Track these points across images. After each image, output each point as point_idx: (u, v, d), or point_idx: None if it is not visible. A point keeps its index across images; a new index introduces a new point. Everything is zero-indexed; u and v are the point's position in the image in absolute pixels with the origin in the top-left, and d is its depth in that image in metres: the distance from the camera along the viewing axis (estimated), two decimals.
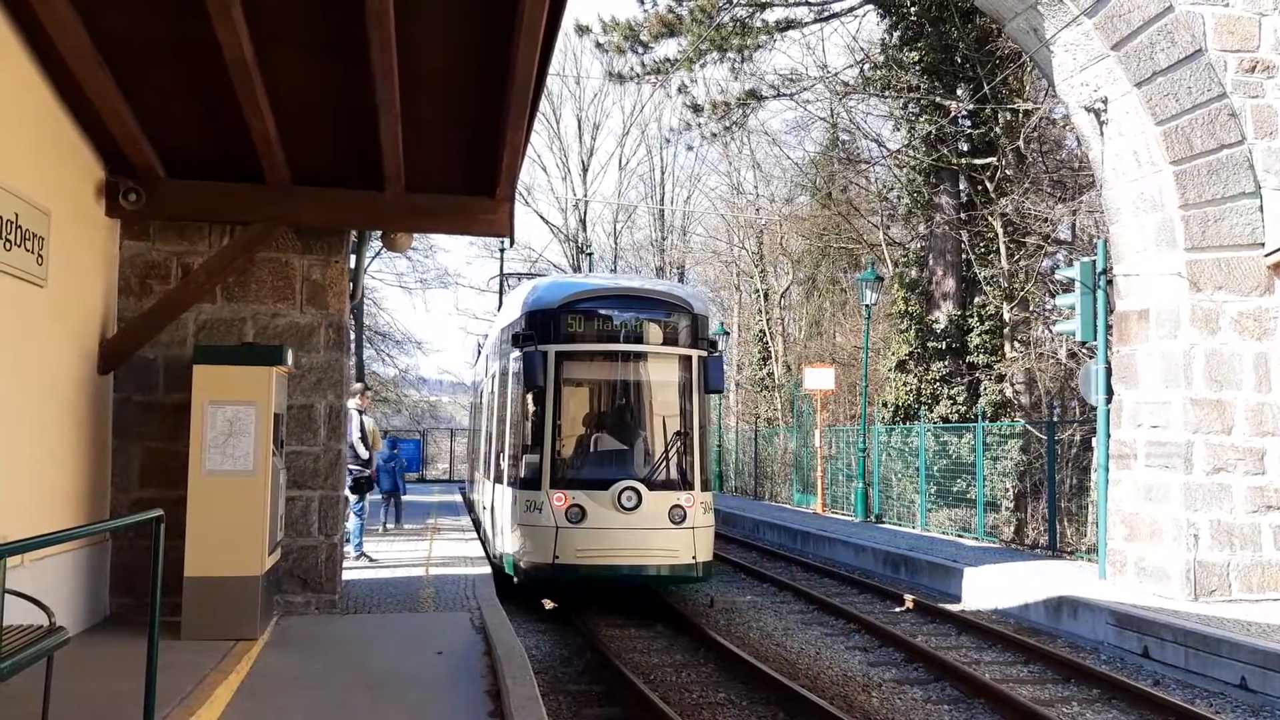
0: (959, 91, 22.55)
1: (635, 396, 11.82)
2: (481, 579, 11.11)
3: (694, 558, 11.00)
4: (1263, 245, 10.74)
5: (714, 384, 11.66)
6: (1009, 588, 11.96)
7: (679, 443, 11.38)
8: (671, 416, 11.54)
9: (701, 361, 11.56)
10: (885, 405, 24.03)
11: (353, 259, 9.66)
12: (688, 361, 11.55)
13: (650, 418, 11.70)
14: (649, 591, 12.15)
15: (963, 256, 23.35)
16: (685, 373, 11.55)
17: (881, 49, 24.34)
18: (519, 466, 11.37)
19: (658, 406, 11.69)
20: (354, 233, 9.53)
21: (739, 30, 23.88)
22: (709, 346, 11.79)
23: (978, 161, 22.50)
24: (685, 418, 11.46)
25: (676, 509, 10.93)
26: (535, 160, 44.44)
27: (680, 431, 11.42)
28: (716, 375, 11.68)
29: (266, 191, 8.19)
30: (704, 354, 11.60)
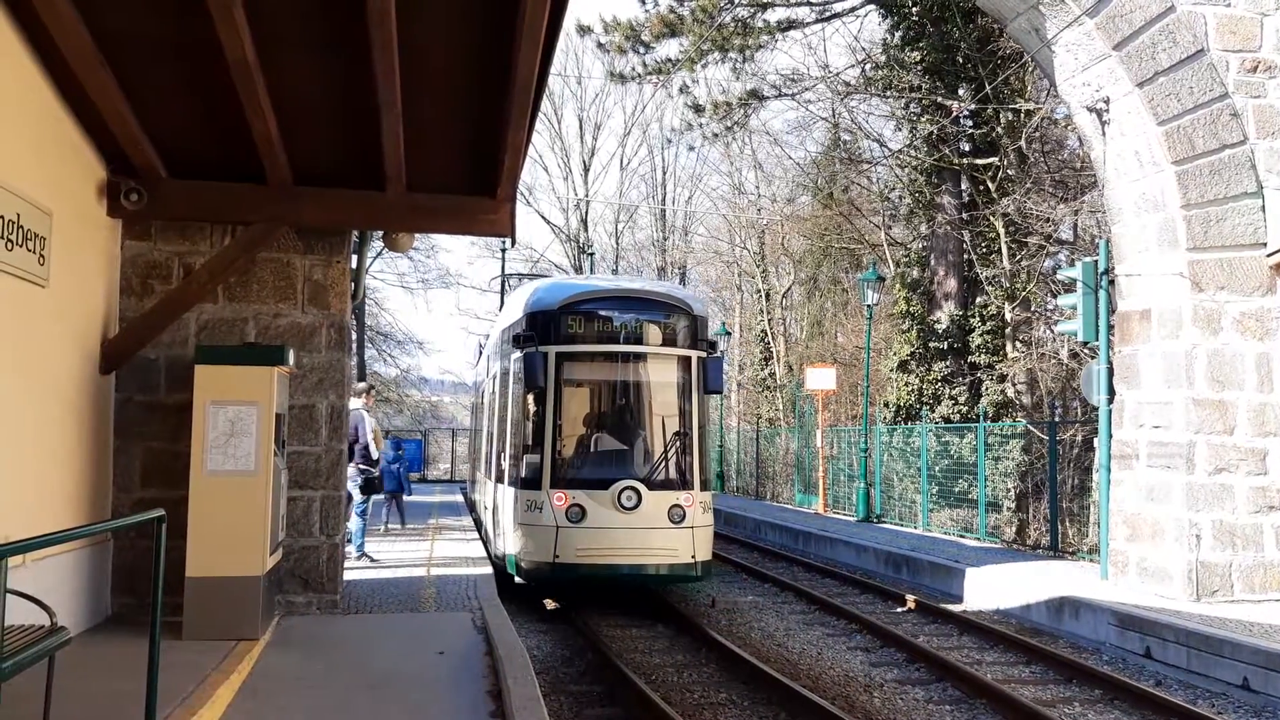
0: (961, 91, 22.55)
1: (635, 397, 11.85)
2: (483, 579, 11.11)
3: (693, 557, 11.05)
4: (1265, 245, 10.74)
5: (713, 384, 11.71)
6: (1011, 588, 11.96)
7: (678, 443, 11.44)
8: (671, 417, 11.59)
9: (701, 362, 11.60)
10: (887, 405, 24.02)
11: (354, 259, 9.66)
12: (687, 362, 11.59)
13: (650, 418, 11.76)
14: (650, 591, 12.17)
15: (964, 256, 23.34)
16: (684, 373, 11.59)
17: (883, 49, 24.33)
18: (520, 466, 11.40)
19: (657, 407, 11.74)
20: (355, 233, 9.53)
21: (740, 30, 23.87)
22: (708, 347, 11.82)
23: (979, 161, 22.48)
24: (685, 418, 11.50)
25: (676, 509, 10.98)
26: (537, 160, 44.56)
27: (680, 432, 11.47)
28: (716, 376, 11.72)
29: (268, 191, 8.19)
30: (703, 355, 11.65)
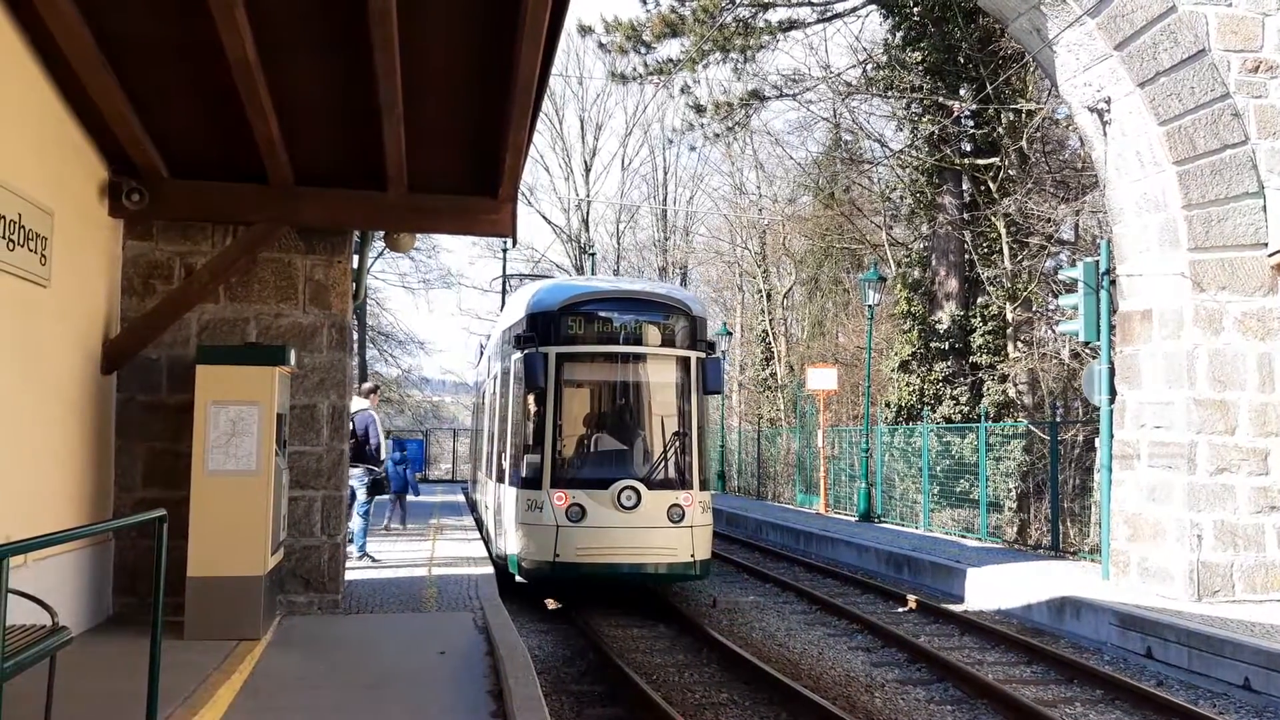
0: (962, 92, 22.54)
1: (634, 397, 11.90)
2: (484, 579, 11.11)
3: (693, 556, 11.10)
4: (1266, 245, 10.73)
5: (712, 385, 11.75)
6: (1012, 588, 11.95)
7: (677, 443, 11.50)
8: (670, 417, 11.65)
9: (700, 363, 11.64)
10: (888, 405, 24.00)
11: (355, 259, 9.67)
12: (686, 363, 11.64)
13: (649, 418, 11.82)
14: (651, 591, 12.19)
15: (965, 257, 23.33)
16: (684, 374, 11.63)
17: (884, 49, 24.32)
18: (520, 466, 11.45)
19: (657, 407, 11.80)
20: (357, 233, 9.54)
21: (742, 30, 23.88)
22: (707, 348, 11.87)
23: (980, 162, 22.47)
24: (684, 418, 11.55)
25: (675, 508, 11.02)
26: (538, 160, 44.51)
27: (679, 432, 11.53)
28: (715, 376, 11.77)
29: (269, 192, 8.20)
30: (702, 355, 11.70)
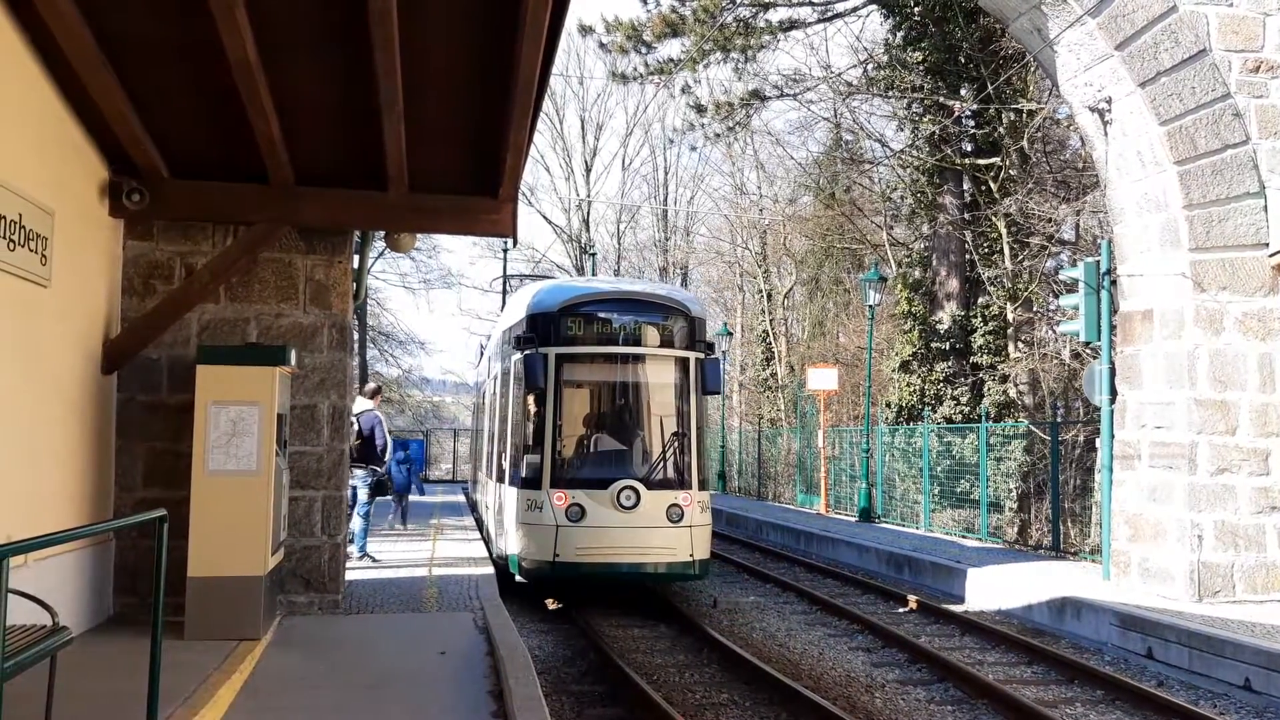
0: (963, 91, 22.53)
1: (634, 398, 11.94)
2: (485, 579, 11.11)
3: (691, 555, 11.14)
4: (1267, 245, 10.73)
5: (711, 385, 11.79)
6: (1013, 588, 11.95)
7: (676, 443, 11.55)
8: (669, 417, 11.70)
9: (699, 363, 11.68)
10: (889, 406, 24.00)
11: (356, 259, 9.67)
12: (685, 363, 11.68)
13: (648, 418, 11.86)
14: (652, 591, 12.20)
15: (966, 257, 23.31)
16: (683, 374, 11.68)
17: (885, 49, 24.32)
18: (520, 466, 11.48)
19: (656, 407, 11.84)
20: (357, 233, 9.54)
21: (742, 30, 23.87)
22: (706, 348, 11.91)
23: (981, 162, 22.46)
24: (683, 418, 11.60)
25: (674, 508, 11.06)
26: (538, 160, 44.50)
27: (678, 432, 11.57)
28: (713, 377, 11.81)
29: (270, 192, 8.19)
30: (701, 356, 11.74)
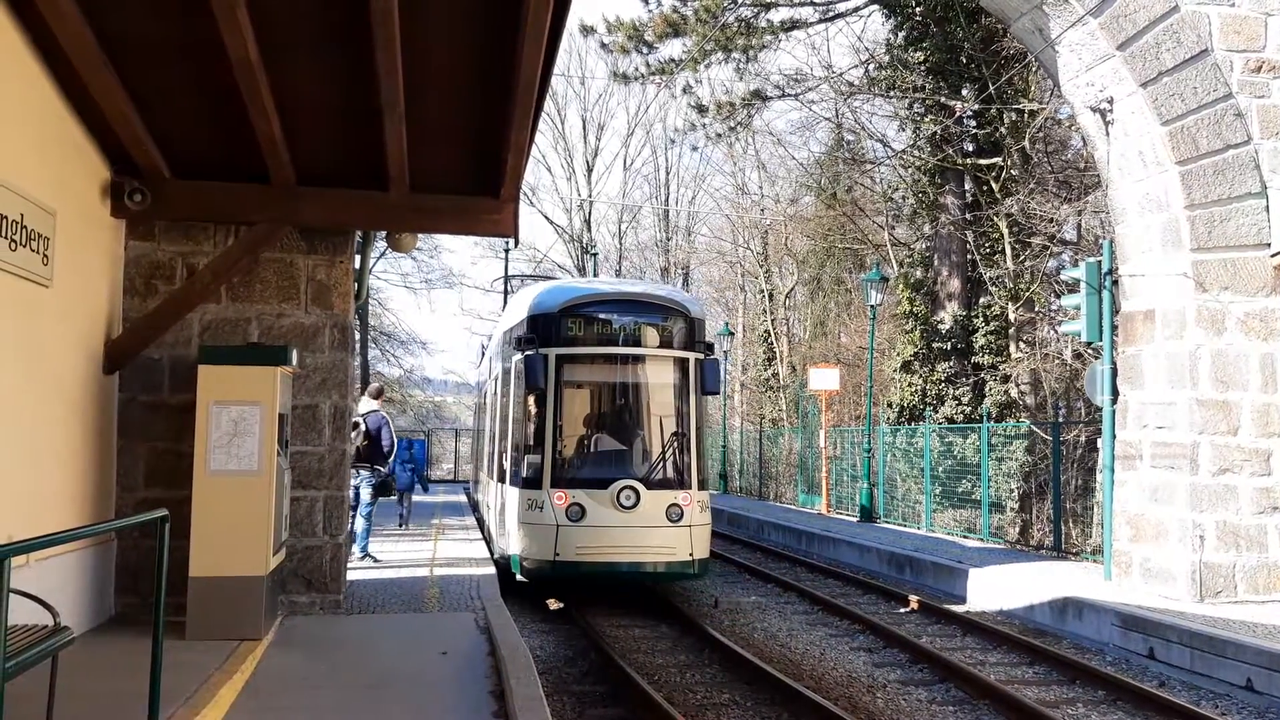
0: (964, 91, 22.51)
1: (633, 398, 12.01)
2: (486, 579, 11.12)
3: (691, 555, 11.20)
4: (1269, 245, 10.72)
5: (710, 386, 11.85)
6: (1014, 589, 11.94)
7: (676, 443, 11.62)
8: (669, 417, 11.77)
9: (698, 364, 11.74)
10: (890, 406, 23.99)
11: (357, 259, 9.67)
12: (684, 364, 11.74)
13: (648, 418, 11.93)
14: (653, 591, 12.21)
15: (968, 257, 23.30)
16: (682, 375, 11.74)
17: (886, 49, 24.30)
18: (521, 466, 11.53)
19: (655, 408, 11.91)
20: (359, 233, 9.54)
21: (744, 30, 23.85)
22: (705, 349, 11.96)
23: (983, 162, 22.44)
24: (682, 418, 11.66)
25: (674, 507, 11.11)
26: (540, 161, 44.47)
27: (677, 432, 11.64)
28: (713, 377, 11.87)
29: (271, 192, 8.20)
30: (700, 356, 11.79)
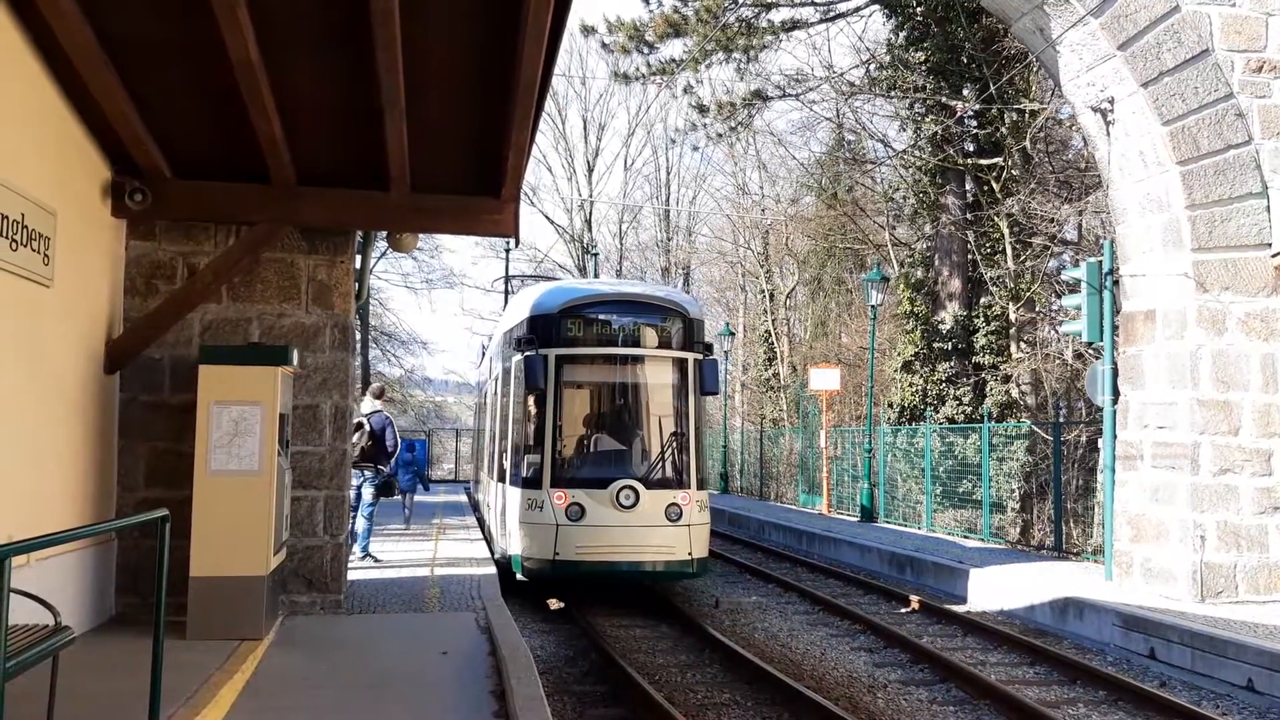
0: (965, 91, 22.50)
1: (633, 398, 12.07)
2: (486, 579, 11.12)
3: (690, 554, 11.24)
4: (1270, 246, 10.71)
5: (709, 386, 11.89)
6: (1015, 589, 11.94)
7: (675, 443, 11.66)
8: (668, 417, 11.83)
9: (697, 364, 11.78)
10: (891, 406, 23.99)
11: (358, 259, 9.68)
12: (683, 364, 11.77)
13: (647, 419, 11.99)
14: (654, 591, 12.21)
15: (968, 257, 23.29)
16: (681, 375, 11.78)
17: (887, 49, 24.31)
18: (521, 466, 11.58)
19: (654, 408, 11.96)
20: (359, 233, 9.54)
21: (744, 30, 23.85)
22: (704, 349, 12.00)
23: (984, 162, 22.44)
24: (681, 418, 11.71)
25: (673, 507, 11.16)
26: (540, 161, 44.50)
27: (676, 432, 11.68)
28: (712, 377, 11.91)
29: (272, 192, 8.20)
30: (699, 357, 11.83)
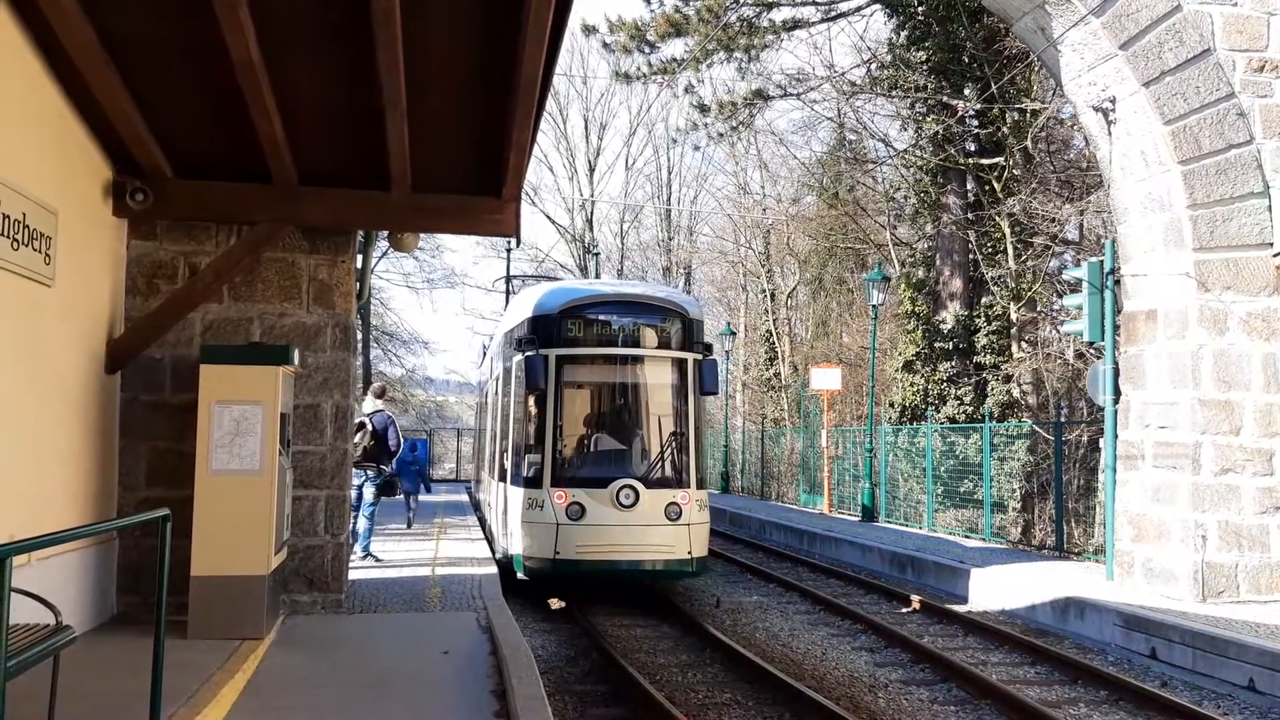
0: (966, 91, 22.50)
1: (633, 398, 12.12)
2: (487, 579, 11.13)
3: (689, 553, 11.29)
4: (1271, 245, 10.71)
5: (709, 386, 11.93)
6: (1016, 588, 11.94)
7: (675, 442, 11.71)
8: (667, 417, 11.87)
9: (696, 364, 11.82)
10: (892, 405, 23.98)
11: (359, 259, 9.68)
12: (683, 364, 11.82)
13: (647, 418, 12.04)
14: (655, 591, 12.22)
15: (970, 256, 23.28)
16: (680, 375, 11.82)
17: (889, 48, 24.30)
18: (522, 465, 11.63)
19: (654, 407, 12.00)
20: (360, 233, 9.54)
21: (746, 30, 23.85)
22: (704, 349, 12.03)
23: (985, 161, 22.43)
24: (681, 418, 11.76)
25: (673, 506, 11.21)
26: (542, 160, 44.49)
27: (676, 431, 11.73)
28: (711, 377, 11.94)
29: (273, 192, 8.20)
30: (699, 357, 11.88)
